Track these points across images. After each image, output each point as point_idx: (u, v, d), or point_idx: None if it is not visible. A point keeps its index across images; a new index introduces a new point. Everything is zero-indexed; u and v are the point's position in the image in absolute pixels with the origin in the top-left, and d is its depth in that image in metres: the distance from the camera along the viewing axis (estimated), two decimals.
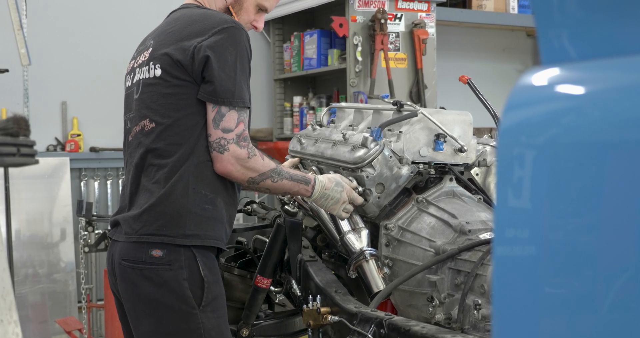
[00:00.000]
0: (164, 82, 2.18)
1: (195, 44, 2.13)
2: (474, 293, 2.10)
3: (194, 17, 2.22)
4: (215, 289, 2.17)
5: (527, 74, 1.01)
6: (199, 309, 2.13)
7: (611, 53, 0.95)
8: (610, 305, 0.87)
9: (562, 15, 1.02)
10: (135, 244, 2.15)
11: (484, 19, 6.25)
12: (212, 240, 2.17)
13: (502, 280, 0.98)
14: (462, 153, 2.52)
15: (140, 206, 2.17)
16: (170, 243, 2.12)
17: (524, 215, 0.95)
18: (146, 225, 2.14)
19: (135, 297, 2.16)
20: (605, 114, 0.90)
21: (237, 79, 2.15)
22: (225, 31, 2.14)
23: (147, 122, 2.20)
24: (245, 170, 2.18)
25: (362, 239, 2.42)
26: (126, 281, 2.17)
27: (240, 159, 2.16)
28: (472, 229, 2.26)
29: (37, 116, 5.16)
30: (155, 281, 2.12)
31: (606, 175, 0.88)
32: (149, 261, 2.12)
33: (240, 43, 2.16)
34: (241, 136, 2.17)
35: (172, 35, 2.21)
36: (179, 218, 2.13)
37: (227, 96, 2.14)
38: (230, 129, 2.16)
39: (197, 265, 2.14)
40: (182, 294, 2.11)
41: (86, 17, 5.39)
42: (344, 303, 2.30)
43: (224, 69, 2.13)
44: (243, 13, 2.34)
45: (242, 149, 2.16)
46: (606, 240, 0.88)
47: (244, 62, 2.18)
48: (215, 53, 2.12)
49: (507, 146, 0.99)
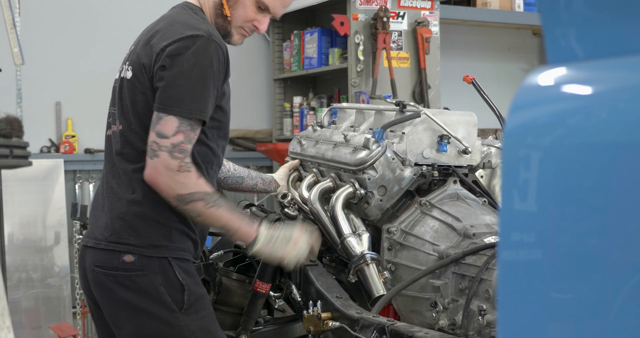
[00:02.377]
0: (133, 87, 2.17)
1: (158, 51, 2.11)
2: (479, 299, 2.10)
3: (174, 21, 2.18)
4: (196, 291, 2.18)
5: (533, 74, 1.01)
6: (181, 312, 2.14)
7: (619, 52, 0.95)
8: (618, 310, 0.87)
9: (569, 13, 1.02)
10: (105, 251, 2.17)
11: (489, 17, 6.25)
12: (180, 252, 2.18)
13: (508, 284, 0.98)
14: (466, 154, 2.52)
15: (110, 211, 2.19)
16: (138, 253, 2.14)
17: (530, 218, 0.95)
18: (114, 233, 2.16)
19: (114, 302, 2.18)
20: (613, 114, 0.91)
21: (187, 88, 2.07)
22: (190, 39, 2.08)
23: (118, 124, 2.22)
24: (173, 183, 2.06)
25: (363, 242, 2.42)
26: (101, 287, 2.18)
27: (169, 170, 2.05)
28: (476, 232, 2.26)
29: (30, 117, 5.16)
30: (131, 287, 2.13)
31: (614, 177, 0.88)
32: (121, 267, 2.14)
33: (205, 53, 2.08)
34: (177, 146, 2.06)
35: (149, 36, 2.19)
36: (147, 228, 2.15)
37: (169, 104, 2.07)
38: (165, 135, 2.06)
39: (172, 268, 2.15)
40: (162, 300, 2.13)
41: (81, 15, 5.39)
42: (345, 308, 2.30)
43: (175, 76, 2.07)
44: (239, 8, 2.25)
45: (173, 160, 2.05)
46: (614, 243, 0.88)
47: (206, 73, 2.08)
48: (171, 60, 2.08)
49: (512, 148, 0.99)
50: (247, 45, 6.14)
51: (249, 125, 6.03)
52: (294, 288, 2.57)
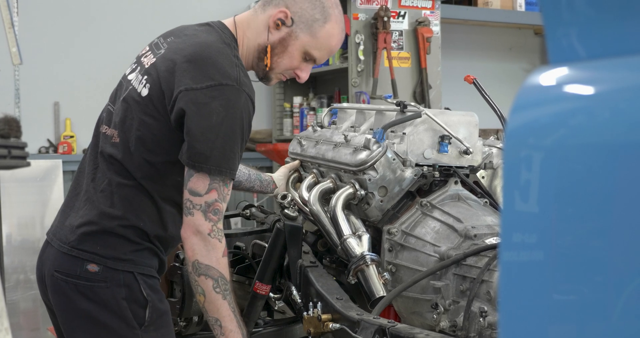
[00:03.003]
0: (145, 107, 2.07)
1: (182, 89, 2.00)
2: (480, 300, 2.10)
3: (205, 55, 2.03)
4: (159, 307, 2.11)
5: (535, 74, 1.01)
6: (141, 329, 2.07)
7: (621, 52, 0.95)
8: (621, 312, 0.87)
9: (571, 12, 1.02)
10: (68, 256, 2.08)
11: (490, 16, 6.25)
12: (147, 268, 2.11)
13: (509, 286, 0.98)
14: (467, 155, 2.52)
15: (81, 216, 2.11)
16: (103, 264, 2.06)
17: (532, 219, 0.95)
18: (81, 240, 2.07)
19: (71, 311, 2.10)
20: (616, 115, 0.91)
21: (217, 143, 1.99)
22: (219, 88, 1.99)
23: (116, 135, 2.13)
24: (198, 247, 2.03)
25: (363, 244, 2.42)
26: (59, 294, 2.10)
27: (199, 232, 2.02)
28: (477, 234, 2.26)
29: (28, 117, 5.16)
30: (92, 298, 2.05)
31: (616, 178, 0.88)
32: (83, 276, 2.05)
33: (235, 106, 2.00)
34: (211, 206, 2.02)
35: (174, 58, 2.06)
36: (116, 241, 2.07)
37: (198, 160, 2.00)
38: (198, 193, 2.01)
39: (138, 283, 2.08)
40: (122, 314, 2.05)
41: (79, 15, 5.39)
42: (346, 310, 2.30)
43: (204, 131, 1.98)
44: (286, 57, 2.16)
45: (207, 222, 2.02)
46: (616, 244, 0.88)
47: (235, 127, 2.01)
48: (197, 109, 1.98)
49: (514, 148, 0.99)
50: None
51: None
52: (294, 290, 2.57)
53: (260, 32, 2.16)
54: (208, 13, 5.03)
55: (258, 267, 2.67)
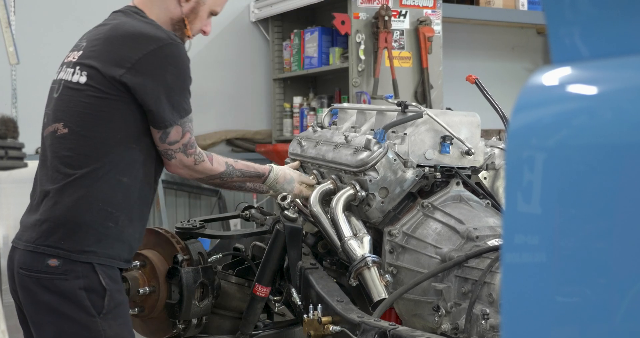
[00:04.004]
0: (87, 91, 2.23)
1: (129, 66, 2.19)
2: (482, 302, 2.10)
3: (131, 34, 2.25)
4: (117, 297, 2.24)
5: (538, 74, 1.01)
6: (100, 317, 2.20)
7: (625, 51, 0.95)
8: (625, 315, 0.87)
9: (574, 12, 1.02)
10: (32, 253, 2.20)
11: (493, 15, 6.25)
12: (109, 259, 2.23)
13: (511, 288, 0.98)
14: (469, 155, 2.52)
15: (43, 214, 2.22)
16: (66, 257, 2.18)
17: (534, 221, 0.95)
18: (44, 236, 2.20)
19: (35, 305, 2.23)
20: (619, 115, 0.90)
21: (175, 97, 2.24)
22: (161, 50, 2.21)
23: (61, 127, 2.27)
24: (193, 173, 2.38)
25: (364, 245, 2.42)
26: (25, 289, 2.24)
27: (187, 167, 2.34)
28: (479, 235, 2.26)
29: (25, 118, 5.16)
30: (53, 290, 2.19)
31: (619, 179, 0.88)
32: (45, 271, 2.18)
33: (180, 58, 2.24)
34: (187, 144, 2.30)
35: (107, 49, 2.26)
36: (79, 233, 2.19)
37: (168, 118, 2.24)
38: (176, 141, 2.28)
39: (97, 274, 2.20)
40: (81, 304, 2.18)
41: (77, 14, 5.40)
42: (346, 312, 2.30)
43: (165, 93, 2.22)
44: (197, 21, 2.41)
45: (188, 157, 2.32)
46: (620, 246, 0.88)
47: (186, 76, 2.27)
48: (152, 76, 2.20)
49: (516, 149, 0.99)
50: (246, 44, 6.17)
51: (248, 126, 6.03)
52: (294, 292, 2.57)
53: (169, 8, 2.37)
54: None
55: (257, 269, 2.67)
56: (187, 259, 2.59)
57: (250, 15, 6.02)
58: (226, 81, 5.98)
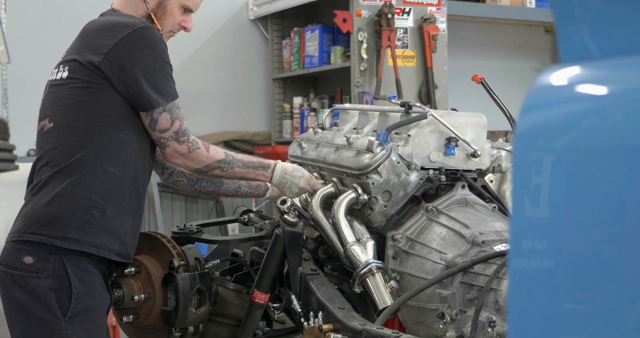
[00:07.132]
0: (70, 84, 2.36)
1: (106, 51, 2.31)
2: (488, 310, 2.10)
3: (105, 24, 2.40)
4: (86, 301, 2.29)
5: (546, 73, 1.01)
6: (64, 319, 2.25)
7: (635, 51, 0.95)
8: (635, 322, 0.87)
9: (583, 10, 1.02)
10: (12, 247, 2.30)
11: (499, 13, 6.26)
12: (91, 247, 2.29)
13: (519, 294, 0.98)
14: (475, 158, 2.52)
15: (29, 204, 2.34)
16: (47, 243, 2.25)
17: (542, 225, 0.95)
18: (27, 224, 2.29)
19: (8, 301, 2.33)
20: (629, 116, 0.91)
21: (156, 78, 2.35)
22: (136, 34, 2.32)
23: (47, 122, 2.41)
24: (189, 162, 2.45)
25: (368, 251, 2.42)
26: (2, 286, 2.33)
27: (181, 155, 2.43)
28: (485, 240, 2.26)
29: (17, 119, 5.16)
30: (24, 288, 2.27)
31: (630, 181, 0.88)
32: (19, 268, 2.27)
33: (154, 40, 2.35)
34: (179, 132, 2.40)
35: (84, 41, 2.40)
36: (62, 219, 2.27)
37: (152, 98, 2.34)
38: (166, 128, 2.39)
39: (67, 275, 2.26)
40: (48, 304, 2.25)
41: (69, 12, 5.40)
42: (348, 320, 2.30)
43: (144, 74, 2.32)
44: (167, 16, 2.51)
45: (181, 145, 2.41)
46: (630, 251, 0.88)
47: (163, 56, 2.37)
48: (130, 60, 2.31)
49: (523, 151, 0.99)
50: (244, 43, 6.17)
51: (247, 127, 6.04)
52: (294, 299, 2.57)
53: (137, 6, 2.50)
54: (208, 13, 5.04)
55: (256, 275, 2.67)
56: (183, 265, 2.59)
57: (249, 13, 6.03)
58: (224, 81, 5.99)
